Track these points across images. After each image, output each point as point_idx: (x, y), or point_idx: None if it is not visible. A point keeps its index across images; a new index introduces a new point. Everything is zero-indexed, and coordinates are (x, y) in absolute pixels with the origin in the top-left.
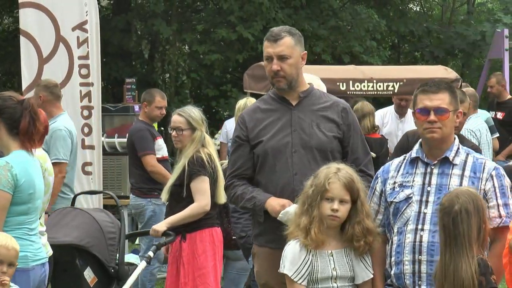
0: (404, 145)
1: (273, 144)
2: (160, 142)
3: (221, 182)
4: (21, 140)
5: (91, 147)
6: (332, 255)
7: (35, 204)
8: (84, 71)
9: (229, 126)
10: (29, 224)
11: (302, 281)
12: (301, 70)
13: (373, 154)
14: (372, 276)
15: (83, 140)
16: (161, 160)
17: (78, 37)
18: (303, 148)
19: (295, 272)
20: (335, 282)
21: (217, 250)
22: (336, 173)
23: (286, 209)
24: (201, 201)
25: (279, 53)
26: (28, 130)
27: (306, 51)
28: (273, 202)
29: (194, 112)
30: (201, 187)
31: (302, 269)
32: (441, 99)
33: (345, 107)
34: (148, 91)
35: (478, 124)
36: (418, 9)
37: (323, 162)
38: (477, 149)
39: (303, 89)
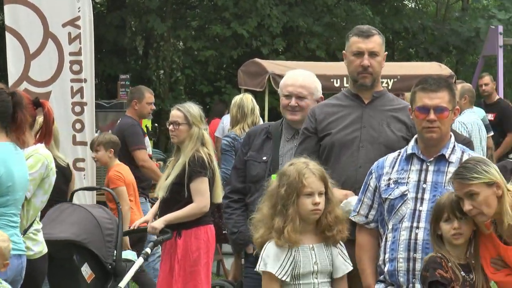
0: None
1: (340, 137)
2: (147, 139)
3: (218, 182)
4: (14, 132)
5: (83, 143)
6: (313, 249)
7: (15, 197)
8: (76, 67)
9: (226, 121)
10: (9, 216)
11: (286, 277)
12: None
13: None
14: (351, 268)
15: (74, 136)
16: None
17: (69, 33)
18: (371, 144)
19: (279, 268)
20: (316, 278)
21: (210, 248)
22: (307, 167)
23: (349, 199)
24: (200, 203)
25: (371, 49)
26: (22, 123)
27: (386, 52)
28: (336, 192)
29: (193, 108)
30: (200, 188)
31: (286, 264)
32: (441, 98)
33: None
34: (136, 89)
35: (471, 118)
36: (413, 6)
37: None
38: (470, 143)
39: (377, 90)
